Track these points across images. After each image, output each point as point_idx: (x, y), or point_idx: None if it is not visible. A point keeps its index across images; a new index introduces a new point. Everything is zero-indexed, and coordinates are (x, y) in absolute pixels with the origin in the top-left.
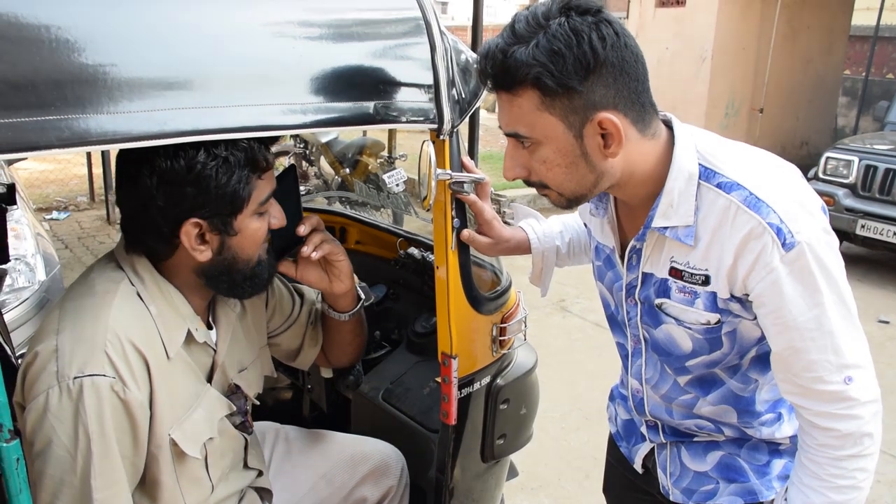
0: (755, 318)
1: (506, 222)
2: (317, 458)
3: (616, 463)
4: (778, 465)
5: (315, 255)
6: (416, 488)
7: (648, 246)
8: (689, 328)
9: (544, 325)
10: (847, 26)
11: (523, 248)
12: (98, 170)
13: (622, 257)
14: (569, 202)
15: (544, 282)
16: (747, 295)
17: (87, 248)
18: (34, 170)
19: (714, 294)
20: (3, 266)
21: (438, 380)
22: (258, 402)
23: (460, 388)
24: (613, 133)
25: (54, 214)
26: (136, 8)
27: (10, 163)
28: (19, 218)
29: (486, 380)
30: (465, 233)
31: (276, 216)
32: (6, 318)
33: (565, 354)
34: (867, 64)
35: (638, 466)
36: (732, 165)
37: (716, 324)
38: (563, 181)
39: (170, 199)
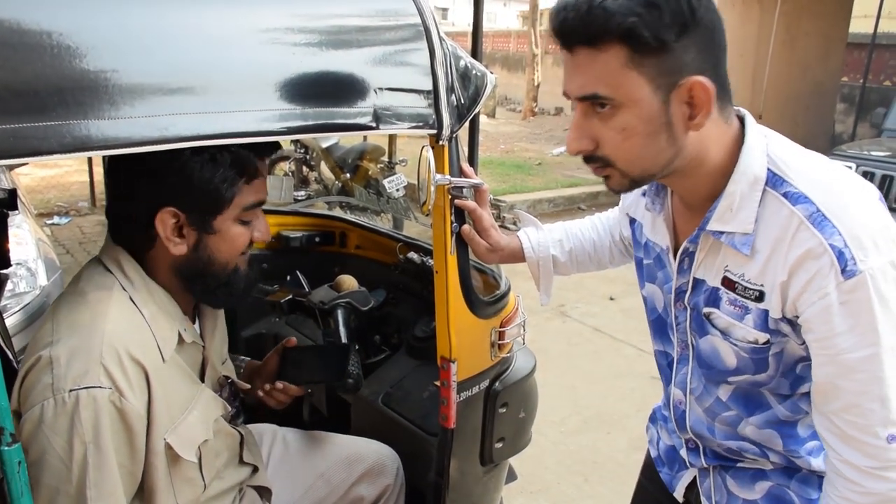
0: (804, 342)
1: (504, 227)
2: (314, 458)
3: (651, 486)
4: None
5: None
6: (415, 491)
7: (702, 250)
8: (735, 344)
9: (543, 329)
10: (845, 33)
11: (517, 256)
12: (99, 175)
13: (676, 258)
14: (631, 184)
15: (543, 290)
16: (797, 317)
17: (88, 254)
18: (35, 175)
19: (766, 312)
20: (5, 271)
21: (438, 383)
22: (249, 386)
23: (459, 391)
24: (703, 101)
25: (55, 219)
26: (137, 14)
27: (11, 168)
28: (20, 223)
29: (485, 383)
30: (466, 228)
31: (261, 230)
32: (7, 322)
33: (564, 359)
34: (865, 71)
35: (679, 496)
36: (805, 177)
37: (764, 344)
38: (637, 155)
39: (151, 184)
